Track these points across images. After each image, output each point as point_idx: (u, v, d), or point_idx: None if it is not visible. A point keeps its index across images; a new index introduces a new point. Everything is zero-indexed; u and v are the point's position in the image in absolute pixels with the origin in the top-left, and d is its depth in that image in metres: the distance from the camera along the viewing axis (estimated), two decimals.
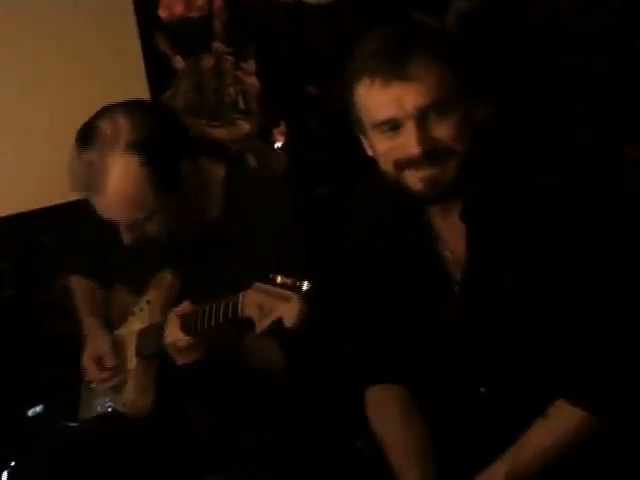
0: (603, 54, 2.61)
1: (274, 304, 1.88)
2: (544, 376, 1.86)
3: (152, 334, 2.24)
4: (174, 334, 2.08)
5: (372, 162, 1.89)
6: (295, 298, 1.83)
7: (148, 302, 2.28)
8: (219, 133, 3.37)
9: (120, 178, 2.03)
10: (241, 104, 3.34)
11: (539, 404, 1.84)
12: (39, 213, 3.20)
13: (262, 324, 1.91)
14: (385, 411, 2.01)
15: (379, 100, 1.77)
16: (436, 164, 1.78)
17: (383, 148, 1.82)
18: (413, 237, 1.95)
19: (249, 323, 1.96)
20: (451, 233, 1.91)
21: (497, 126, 1.89)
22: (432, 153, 1.77)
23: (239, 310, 1.98)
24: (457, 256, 1.91)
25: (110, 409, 2.34)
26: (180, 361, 2.09)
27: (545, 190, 1.81)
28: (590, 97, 2.66)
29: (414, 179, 1.80)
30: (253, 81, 3.33)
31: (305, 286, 1.84)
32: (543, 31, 2.73)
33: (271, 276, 1.91)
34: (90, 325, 2.39)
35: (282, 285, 1.88)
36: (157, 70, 3.50)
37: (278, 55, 3.35)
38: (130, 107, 2.11)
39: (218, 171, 2.23)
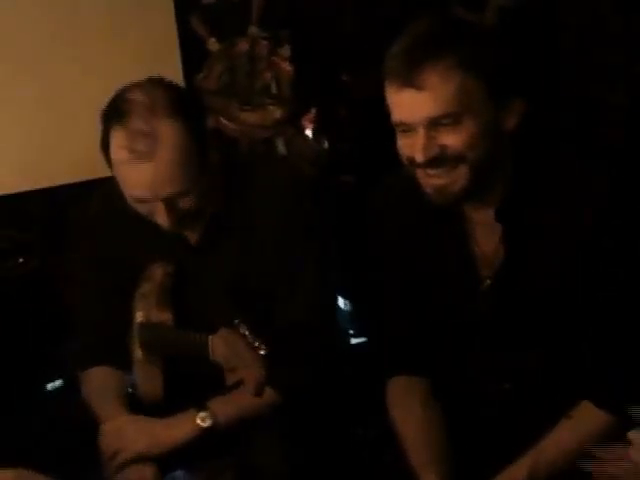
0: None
1: (237, 362, 1.90)
2: (569, 375, 1.85)
3: (150, 331, 2.22)
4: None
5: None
6: (255, 368, 1.86)
7: (143, 295, 2.25)
8: (250, 117, 3.38)
9: (171, 142, 1.96)
10: (274, 89, 3.34)
11: (563, 402, 1.84)
12: (67, 188, 3.22)
13: (229, 379, 1.96)
14: (406, 402, 2.00)
15: (395, 102, 1.77)
16: (443, 171, 1.77)
17: (400, 145, 1.82)
18: (442, 230, 1.94)
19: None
20: (482, 229, 1.90)
21: (530, 126, 1.87)
22: (437, 161, 1.75)
23: (210, 354, 2.00)
24: (487, 252, 1.90)
25: (130, 390, 2.34)
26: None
27: (577, 191, 1.80)
28: (626, 98, 2.65)
29: (424, 183, 1.80)
30: (287, 67, 3.33)
31: (262, 352, 1.87)
32: (582, 30, 2.71)
33: (236, 322, 1.93)
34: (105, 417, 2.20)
35: (244, 339, 1.90)
36: (191, 51, 3.50)
37: (313, 42, 3.35)
38: (152, 80, 2.08)
39: (214, 157, 2.12)
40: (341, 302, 3.42)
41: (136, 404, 2.26)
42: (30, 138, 3.30)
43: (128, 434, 2.11)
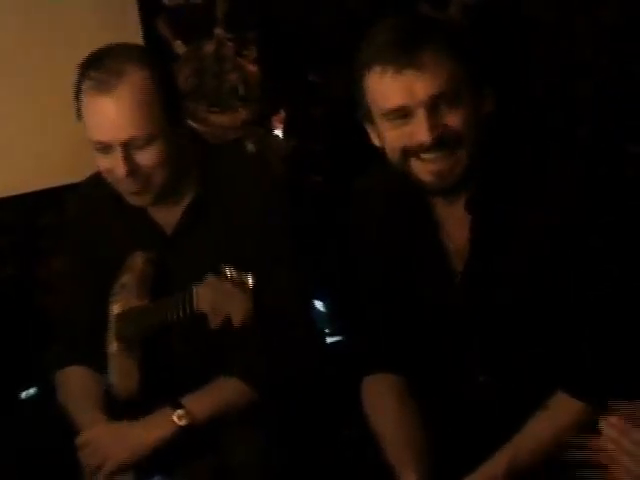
0: (608, 52, 2.62)
1: (223, 301, 1.91)
2: (543, 366, 1.87)
3: (130, 319, 2.22)
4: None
5: (377, 152, 1.90)
6: (240, 296, 1.87)
7: (123, 286, 2.25)
8: (219, 119, 3.37)
9: (134, 81, 2.03)
10: (241, 91, 3.34)
11: (537, 394, 1.85)
12: (41, 194, 3.21)
13: (214, 321, 1.95)
14: (382, 401, 2.01)
15: (391, 88, 1.78)
16: (445, 154, 1.80)
17: (392, 136, 1.83)
18: (416, 226, 1.95)
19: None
20: (454, 223, 1.92)
21: (499, 120, 1.90)
22: (442, 140, 1.78)
23: (194, 305, 2.00)
24: (459, 246, 1.92)
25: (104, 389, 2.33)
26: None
27: (546, 183, 1.83)
28: (592, 94, 2.68)
29: (422, 170, 1.82)
30: (254, 68, 3.34)
31: (249, 281, 1.88)
32: (547, 25, 2.74)
33: (221, 268, 1.94)
34: (82, 423, 2.19)
35: (230, 279, 1.91)
36: (158, 54, 3.49)
37: (280, 42, 3.35)
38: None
39: (195, 150, 2.20)
40: (316, 302, 3.43)
41: (112, 401, 2.26)
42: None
43: (108, 445, 2.10)
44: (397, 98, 1.78)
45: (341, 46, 3.02)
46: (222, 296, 1.92)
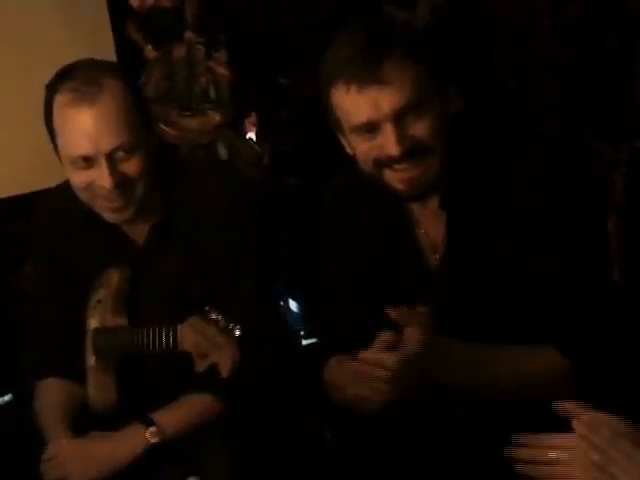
0: (573, 46, 2.64)
1: (209, 348, 1.92)
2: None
3: (106, 336, 2.22)
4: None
5: (349, 158, 1.92)
6: (227, 348, 1.88)
7: (99, 301, 2.25)
8: (190, 123, 3.37)
9: (113, 91, 2.02)
10: (212, 94, 3.34)
11: None
12: (10, 200, 3.19)
13: (199, 365, 1.96)
14: (341, 365, 1.97)
15: (356, 104, 1.80)
16: (415, 163, 1.81)
17: (362, 148, 1.85)
18: (390, 224, 1.97)
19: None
20: (429, 220, 1.95)
21: (467, 116, 1.91)
22: (411, 152, 1.80)
23: (178, 344, 2.02)
24: (434, 242, 1.95)
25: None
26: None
27: (514, 175, 1.86)
28: (557, 88, 2.69)
29: (395, 179, 1.84)
30: (224, 71, 3.33)
31: (237, 332, 1.90)
32: (514, 22, 2.76)
33: (206, 310, 1.95)
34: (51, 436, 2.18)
35: (216, 324, 1.92)
36: (129, 59, 3.49)
37: (249, 45, 3.35)
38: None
39: (160, 163, 2.17)
40: (292, 304, 3.43)
41: (89, 414, 2.25)
42: None
43: (72, 461, 2.10)
44: (363, 113, 1.80)
45: (310, 47, 3.04)
46: (207, 341, 1.92)
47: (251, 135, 3.45)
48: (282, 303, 3.36)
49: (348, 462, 2.03)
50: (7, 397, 3.01)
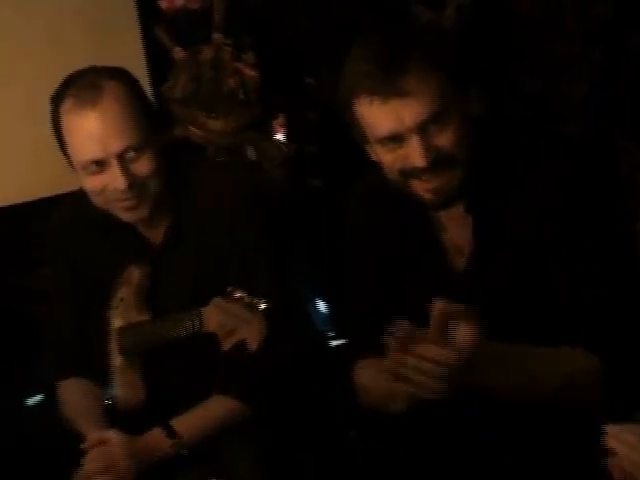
0: (597, 45, 2.63)
1: (235, 324, 1.92)
2: None
3: (131, 332, 2.23)
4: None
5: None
6: (255, 321, 1.87)
7: (122, 300, 2.26)
8: (217, 124, 3.38)
9: (115, 94, 2.05)
10: (240, 95, 3.34)
11: None
12: (31, 204, 3.22)
13: (226, 343, 1.96)
14: (372, 366, 1.97)
15: (380, 117, 1.80)
16: (442, 173, 1.82)
17: (387, 159, 1.85)
18: (415, 228, 1.97)
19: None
20: (454, 222, 1.95)
21: (491, 117, 1.91)
22: (437, 162, 1.80)
23: (203, 326, 2.02)
24: (460, 244, 1.95)
25: (107, 402, 2.34)
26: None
27: (539, 176, 1.86)
28: (582, 88, 2.68)
29: (421, 189, 1.85)
30: (252, 72, 3.34)
31: (262, 306, 1.89)
32: (538, 22, 2.75)
33: (229, 290, 1.96)
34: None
35: (240, 301, 1.92)
36: (157, 61, 3.50)
37: (277, 46, 3.35)
38: None
39: (171, 163, 2.20)
40: (320, 304, 3.43)
41: (115, 415, 2.26)
42: None
43: (116, 452, 2.08)
44: (387, 126, 1.80)
45: (336, 48, 3.03)
46: (232, 318, 1.92)
47: (279, 136, 3.45)
48: (310, 304, 3.37)
49: (370, 461, 2.03)
50: (37, 398, 3.03)
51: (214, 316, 1.99)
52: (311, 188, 3.41)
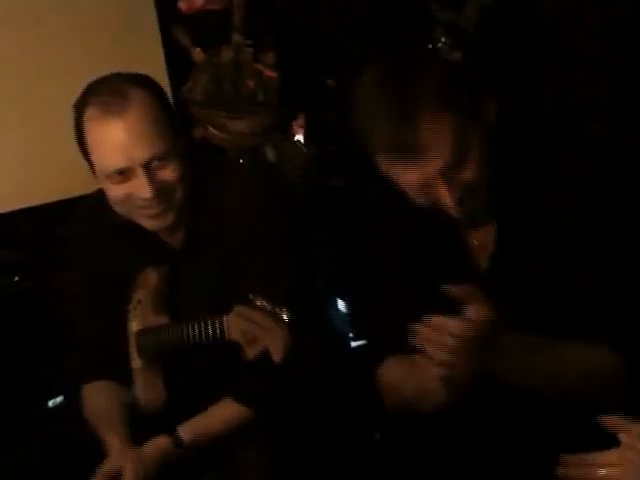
0: (620, 45, 2.61)
1: (258, 333, 1.91)
2: None
3: (150, 336, 2.23)
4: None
5: None
6: (278, 331, 1.86)
7: (139, 302, 2.26)
8: (237, 125, 3.37)
9: (140, 102, 2.04)
10: (260, 96, 3.34)
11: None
12: (55, 205, 3.23)
13: (250, 352, 1.95)
14: (401, 364, 1.99)
15: (402, 172, 1.83)
16: (471, 202, 1.84)
17: (420, 199, 1.87)
18: (437, 226, 1.97)
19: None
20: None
21: (513, 119, 1.91)
22: (465, 195, 1.82)
23: (225, 334, 2.01)
24: (483, 244, 1.94)
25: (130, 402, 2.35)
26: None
27: (561, 177, 1.87)
28: (604, 88, 2.67)
29: (455, 212, 1.86)
30: (272, 73, 3.33)
31: (285, 315, 1.88)
32: (560, 22, 2.73)
33: (251, 297, 1.94)
34: (110, 444, 2.20)
35: (262, 310, 1.90)
36: (177, 62, 3.51)
37: (296, 47, 3.35)
38: None
39: (191, 168, 2.20)
40: (340, 304, 3.43)
41: (137, 414, 2.27)
42: (15, 157, 3.30)
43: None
44: (412, 180, 1.83)
45: (355, 48, 3.03)
46: (254, 327, 1.91)
47: (299, 137, 3.44)
48: (330, 305, 3.37)
49: (395, 464, 2.02)
50: (59, 399, 3.04)
51: (237, 324, 1.98)
52: (332, 188, 3.40)
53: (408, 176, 1.81)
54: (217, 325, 2.04)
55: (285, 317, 1.89)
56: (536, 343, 1.81)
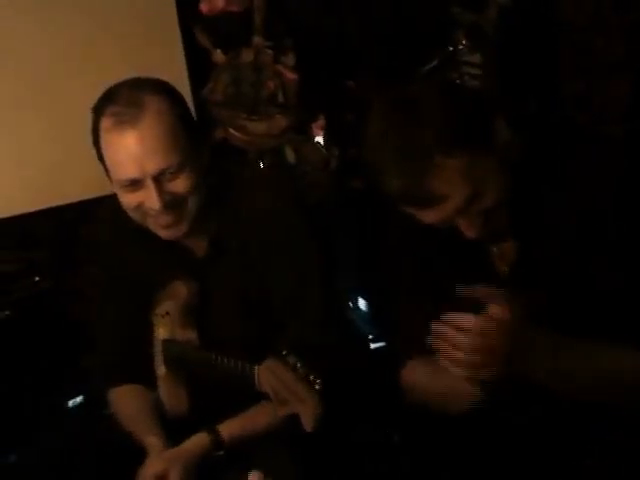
0: None
1: (289, 397, 1.88)
2: None
3: (177, 350, 2.24)
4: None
5: None
6: (310, 402, 1.84)
7: (167, 313, 2.25)
8: (257, 127, 3.38)
9: (155, 112, 2.01)
10: (280, 98, 3.34)
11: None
12: (80, 204, 3.25)
13: (280, 411, 1.92)
14: (428, 364, 1.97)
15: (421, 216, 1.83)
16: (490, 223, 1.83)
17: (424, 218, 1.85)
18: (458, 232, 1.96)
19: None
20: None
21: (534, 124, 1.90)
22: (485, 221, 1.82)
23: (255, 383, 2.00)
24: (504, 250, 1.93)
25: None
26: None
27: (582, 179, 1.85)
28: (625, 89, 2.66)
29: (468, 230, 1.85)
30: (292, 75, 3.34)
31: (318, 387, 1.85)
32: (580, 23, 2.73)
33: (283, 354, 1.91)
34: (151, 445, 2.18)
35: (294, 369, 1.88)
36: (197, 63, 3.51)
37: (317, 49, 3.35)
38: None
39: (213, 177, 2.18)
40: (361, 303, 3.43)
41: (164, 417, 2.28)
42: (38, 157, 3.32)
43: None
44: (431, 220, 1.82)
45: (374, 50, 3.03)
46: (286, 390, 1.88)
47: (318, 139, 3.45)
48: (351, 305, 3.37)
49: (415, 465, 2.02)
50: (78, 399, 3.06)
51: (268, 379, 1.94)
52: (352, 190, 3.40)
53: (426, 217, 1.81)
54: (247, 372, 2.02)
55: (318, 387, 1.86)
56: (569, 344, 1.79)
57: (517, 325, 1.71)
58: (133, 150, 2.00)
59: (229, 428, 2.15)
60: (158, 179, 2.02)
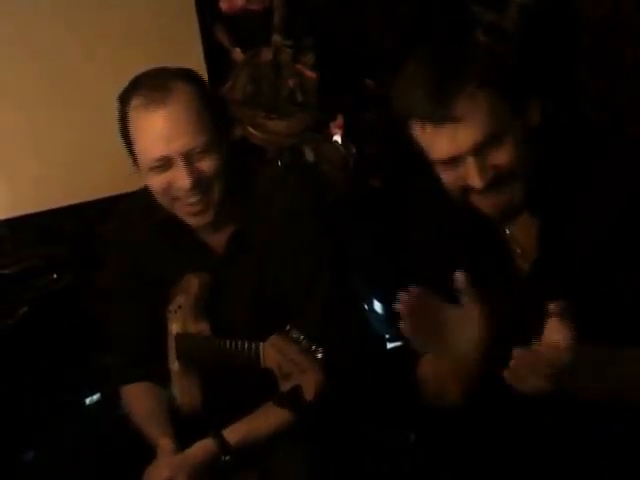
0: None
1: (292, 369, 1.91)
2: None
3: (189, 343, 2.24)
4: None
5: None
6: (311, 371, 1.86)
7: (180, 307, 2.27)
8: (276, 126, 3.38)
9: (183, 94, 2.08)
10: (299, 97, 3.34)
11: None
12: (98, 203, 3.26)
13: (283, 385, 1.95)
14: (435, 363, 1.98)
15: (434, 142, 1.80)
16: (502, 190, 1.82)
17: (447, 178, 1.86)
18: (478, 230, 1.95)
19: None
20: (519, 225, 1.94)
21: (556, 121, 1.89)
22: (495, 181, 1.80)
23: (261, 360, 2.02)
24: (525, 249, 1.93)
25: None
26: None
27: (603, 179, 1.84)
28: None
29: (483, 204, 1.85)
30: (311, 74, 3.34)
31: (319, 355, 1.88)
32: (601, 22, 2.72)
33: (287, 329, 1.95)
34: (161, 446, 2.19)
35: (298, 344, 1.91)
36: (217, 62, 3.52)
37: (336, 48, 3.35)
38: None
39: (236, 171, 2.22)
40: (376, 305, 3.42)
41: (175, 414, 2.28)
42: (59, 155, 3.34)
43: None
44: (442, 151, 1.80)
45: (394, 48, 3.03)
46: (289, 363, 1.92)
47: (337, 138, 3.44)
48: (366, 306, 3.36)
49: (430, 463, 2.01)
50: (96, 397, 3.06)
51: (273, 355, 1.98)
52: (370, 189, 3.40)
53: (439, 146, 1.80)
54: (253, 350, 2.04)
55: (319, 356, 1.89)
56: (602, 354, 1.77)
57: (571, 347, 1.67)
58: (162, 128, 2.06)
59: (235, 432, 2.16)
60: (187, 158, 2.07)
